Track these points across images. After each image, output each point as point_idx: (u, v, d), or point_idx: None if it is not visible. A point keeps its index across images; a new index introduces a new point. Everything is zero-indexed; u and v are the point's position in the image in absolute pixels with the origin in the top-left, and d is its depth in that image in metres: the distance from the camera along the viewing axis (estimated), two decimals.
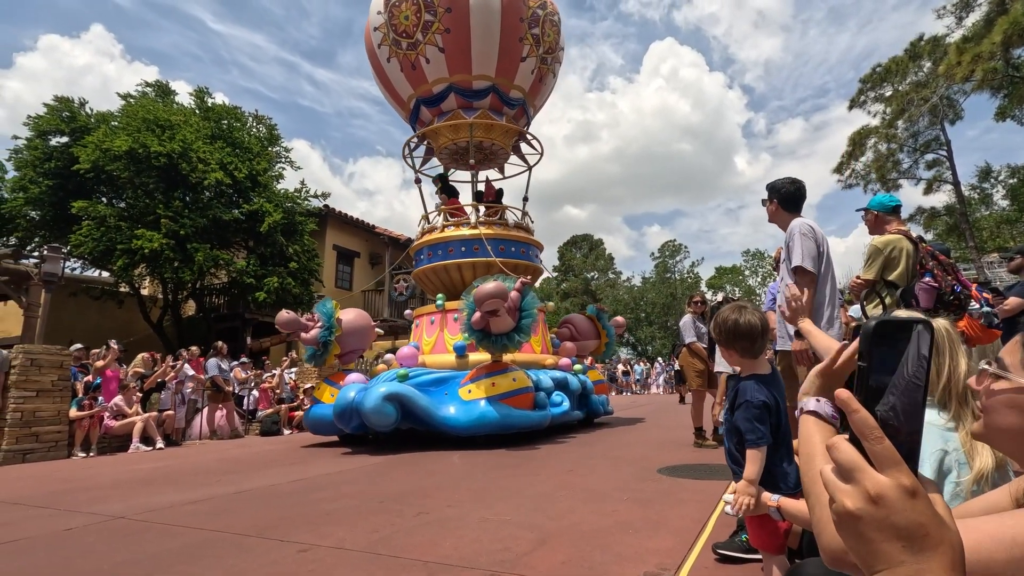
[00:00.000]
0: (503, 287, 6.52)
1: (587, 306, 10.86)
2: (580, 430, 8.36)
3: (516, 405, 6.87)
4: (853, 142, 24.79)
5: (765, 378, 2.01)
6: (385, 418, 6.39)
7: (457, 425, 6.66)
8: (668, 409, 13.01)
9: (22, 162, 14.89)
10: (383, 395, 6.38)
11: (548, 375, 7.94)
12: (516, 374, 7.08)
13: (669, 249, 57.79)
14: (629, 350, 53.43)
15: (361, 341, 8.33)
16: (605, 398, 9.61)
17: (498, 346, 6.86)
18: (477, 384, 6.95)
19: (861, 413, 0.53)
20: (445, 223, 9.92)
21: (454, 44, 9.43)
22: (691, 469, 4.87)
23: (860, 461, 0.52)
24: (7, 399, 7.29)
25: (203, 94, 17.35)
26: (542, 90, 11.05)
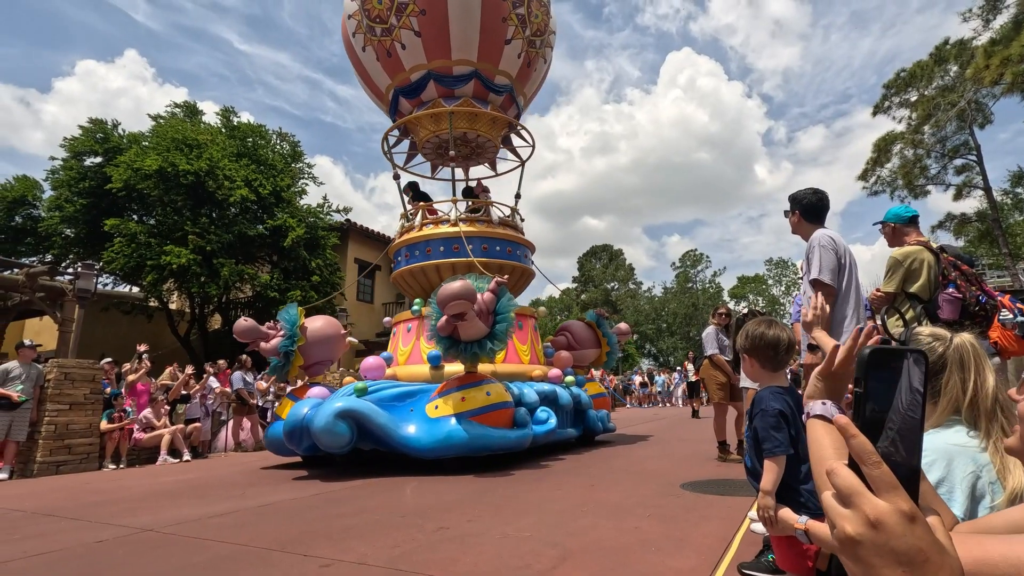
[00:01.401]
0: (470, 286, 5.71)
1: (586, 311, 10.09)
2: (571, 450, 7.64)
3: (491, 423, 6.03)
4: (878, 148, 24.34)
5: (782, 388, 1.99)
6: (337, 438, 5.65)
7: (418, 446, 5.82)
8: (680, 424, 12.54)
9: (58, 182, 15.46)
10: (335, 412, 5.64)
11: (533, 388, 7.18)
12: (492, 387, 6.24)
13: (690, 259, 57.25)
14: (651, 361, 52.86)
15: (329, 351, 7.46)
16: (606, 413, 8.83)
17: (468, 355, 6.04)
18: (445, 399, 6.10)
19: (859, 439, 0.53)
20: (424, 221, 9.12)
21: (431, 27, 8.67)
22: (715, 484, 4.78)
23: (859, 486, 0.52)
24: (42, 412, 7.51)
25: (229, 113, 17.86)
26: (532, 76, 10.12)
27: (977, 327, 3.21)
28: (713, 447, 6.52)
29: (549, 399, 7.30)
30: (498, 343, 6.03)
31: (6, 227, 15.72)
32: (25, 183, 16.14)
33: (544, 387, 7.39)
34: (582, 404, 8.09)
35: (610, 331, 9.67)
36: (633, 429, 11.14)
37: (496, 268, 8.37)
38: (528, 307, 9.26)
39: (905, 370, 0.55)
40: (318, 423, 5.61)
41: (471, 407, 5.99)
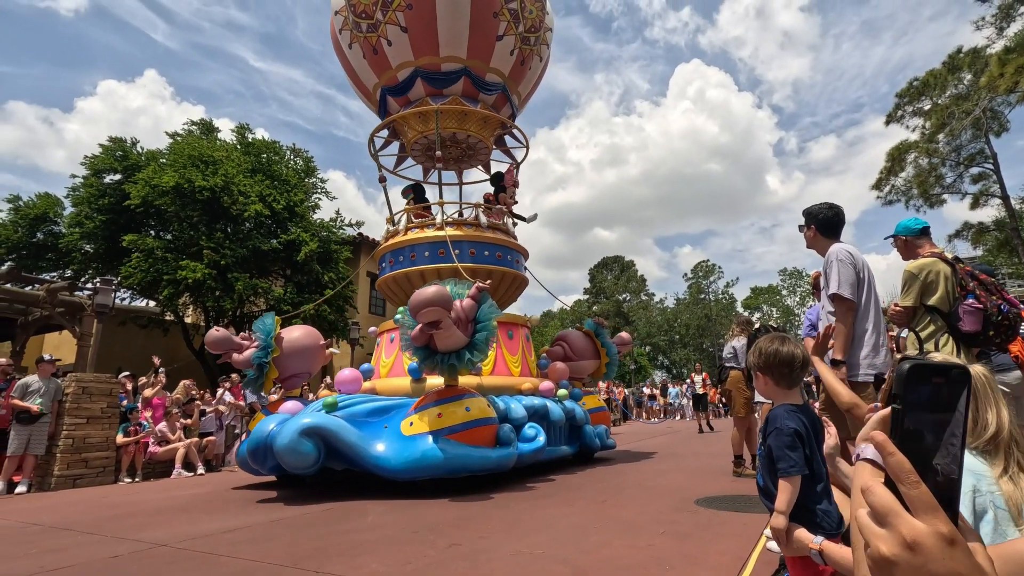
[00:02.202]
0: (444, 292, 5.30)
1: (584, 320, 9.44)
2: (563, 469, 7.10)
3: (471, 441, 5.57)
4: (892, 157, 24.15)
5: (797, 407, 1.97)
6: (302, 458, 5.28)
7: (388, 467, 5.36)
8: (693, 438, 12.13)
9: (79, 199, 15.81)
10: (300, 430, 5.27)
11: (521, 402, 6.70)
12: (472, 402, 5.77)
13: (702, 269, 56.91)
14: (664, 373, 52.40)
15: (307, 363, 7.02)
16: (604, 429, 8.31)
17: (444, 367, 5.61)
18: (421, 415, 5.64)
19: (897, 457, 0.52)
20: (409, 225, 8.66)
21: (418, 22, 8.27)
22: (730, 500, 4.71)
23: (896, 505, 0.51)
24: (60, 426, 7.61)
25: (244, 130, 18.20)
26: (526, 75, 9.60)
27: (1002, 337, 3.15)
28: (727, 461, 6.43)
29: (539, 414, 6.83)
30: (478, 354, 5.60)
31: (28, 243, 16.08)
32: (47, 200, 16.52)
33: (533, 401, 6.90)
34: (577, 419, 7.58)
35: (610, 341, 9.17)
36: (640, 444, 10.99)
37: (485, 274, 7.90)
38: (520, 316, 8.83)
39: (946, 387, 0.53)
40: (281, 441, 5.24)
41: (448, 424, 5.51)
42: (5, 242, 15.68)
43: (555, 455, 7.12)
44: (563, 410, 7.27)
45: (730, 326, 6.91)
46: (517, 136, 10.17)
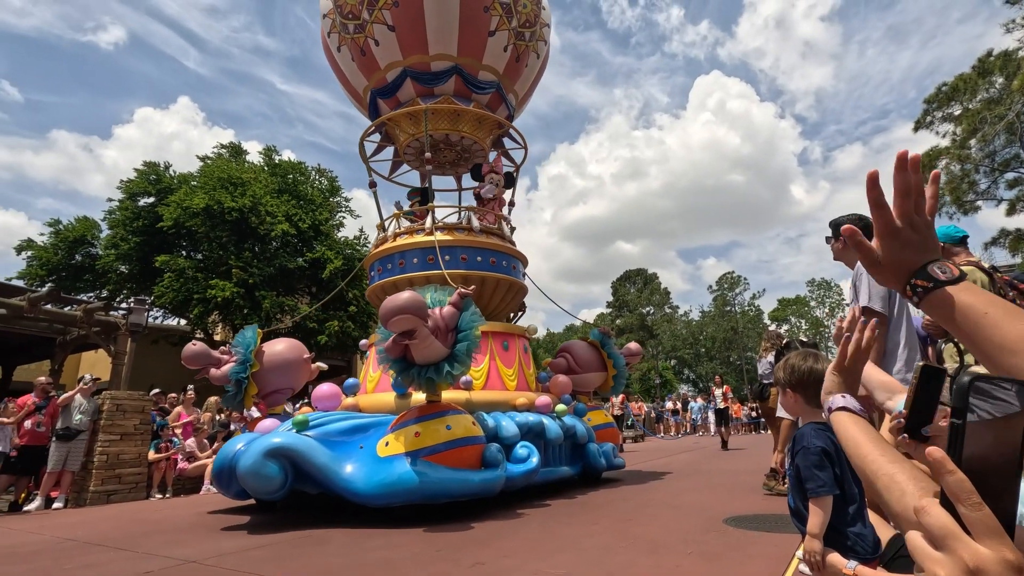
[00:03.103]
0: (418, 299, 4.87)
1: (590, 330, 8.85)
2: (560, 493, 6.46)
3: (452, 462, 5.05)
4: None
5: (825, 426, 1.91)
6: (265, 482, 4.91)
7: (357, 491, 4.91)
8: (712, 457, 11.41)
9: (115, 222, 16.42)
10: (264, 451, 4.89)
11: (514, 419, 6.19)
12: (455, 419, 5.29)
13: (727, 281, 56.13)
14: (690, 387, 51.52)
15: (290, 378, 6.64)
16: (612, 447, 7.75)
17: (421, 380, 5.14)
18: (397, 434, 5.18)
19: (957, 475, 0.49)
20: (398, 231, 8.20)
21: (405, 20, 7.95)
22: (761, 520, 4.58)
23: (956, 528, 0.48)
24: (94, 442, 7.82)
25: (271, 152, 18.73)
26: (523, 72, 9.12)
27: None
28: (756, 478, 6.27)
29: (534, 432, 6.32)
30: (459, 366, 5.11)
31: (67, 265, 16.71)
32: (85, 224, 17.19)
33: (528, 418, 6.35)
34: (578, 437, 7.04)
35: (617, 352, 8.54)
36: (662, 462, 10.70)
37: (478, 281, 7.55)
38: (517, 325, 8.28)
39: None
40: (244, 463, 4.87)
41: (427, 444, 5.03)
42: (46, 264, 16.33)
43: (553, 477, 6.59)
44: (562, 427, 6.71)
45: (760, 341, 6.70)
46: (515, 137, 9.73)
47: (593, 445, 7.29)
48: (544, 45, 9.38)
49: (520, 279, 8.39)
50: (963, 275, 0.85)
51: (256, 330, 6.52)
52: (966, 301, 0.81)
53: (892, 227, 0.89)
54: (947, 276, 0.85)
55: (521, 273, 8.53)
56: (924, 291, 0.86)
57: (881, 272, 0.92)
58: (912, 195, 0.87)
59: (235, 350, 6.27)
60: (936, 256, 0.88)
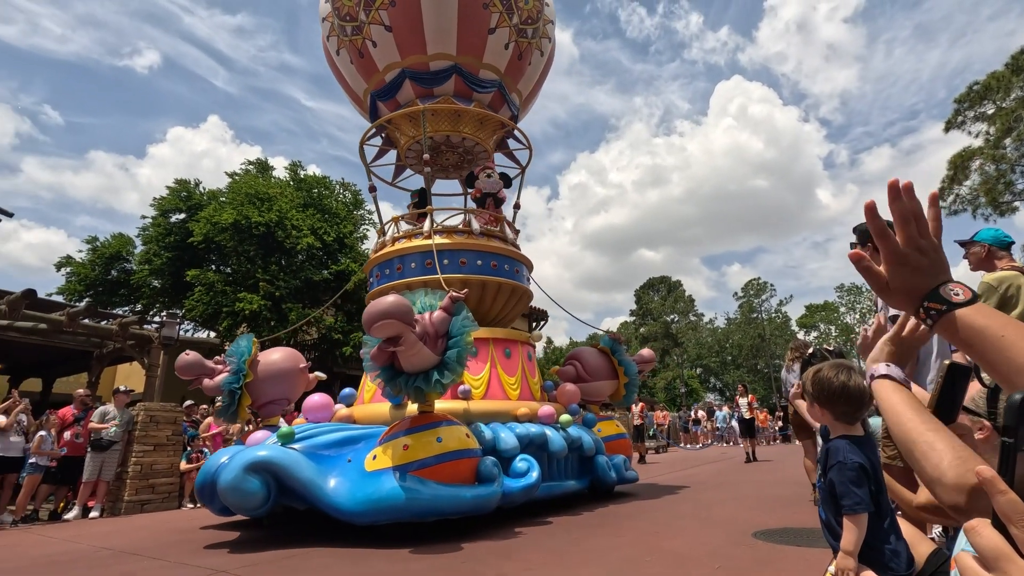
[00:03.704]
0: (403, 303, 4.61)
1: (600, 337, 8.33)
2: (566, 509, 6.03)
3: (443, 477, 4.73)
4: (954, 165, 22.93)
5: (859, 439, 1.86)
6: (246, 498, 4.67)
7: (341, 508, 4.65)
8: (740, 468, 11.04)
9: (148, 238, 16.95)
10: (245, 465, 4.67)
11: (514, 431, 5.86)
12: (447, 431, 4.96)
13: (753, 288, 55.23)
14: (717, 396, 50.63)
15: (286, 389, 6.36)
16: (623, 460, 7.33)
17: (409, 389, 4.88)
18: (385, 447, 4.87)
19: (1009, 495, 0.48)
20: (396, 235, 7.94)
21: (402, 19, 7.74)
22: (791, 534, 4.47)
23: (1008, 550, 0.47)
24: (129, 453, 8.04)
25: (296, 167, 19.14)
26: (526, 71, 8.80)
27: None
28: (786, 490, 6.13)
29: (536, 444, 5.99)
30: (449, 374, 4.84)
31: (104, 280, 17.29)
32: (120, 240, 17.78)
33: (529, 429, 6.01)
34: (585, 449, 6.64)
35: (628, 359, 8.12)
36: (678, 475, 10.42)
37: (477, 285, 7.31)
38: (521, 331, 7.93)
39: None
40: (224, 478, 4.65)
41: (416, 457, 4.71)
42: (84, 280, 16.92)
43: (556, 492, 6.23)
44: (566, 439, 6.33)
45: (788, 349, 6.51)
46: (519, 138, 9.37)
47: (602, 458, 6.92)
48: (548, 42, 9.05)
49: (524, 283, 8.06)
50: (976, 296, 0.84)
51: (251, 339, 6.30)
52: (981, 323, 0.80)
53: (898, 254, 0.89)
54: (960, 298, 0.84)
55: (525, 277, 8.21)
56: (938, 314, 0.85)
57: (891, 297, 0.92)
58: (913, 220, 0.87)
59: (229, 360, 6.10)
60: (947, 278, 0.87)
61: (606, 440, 7.29)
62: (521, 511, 5.74)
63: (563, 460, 6.48)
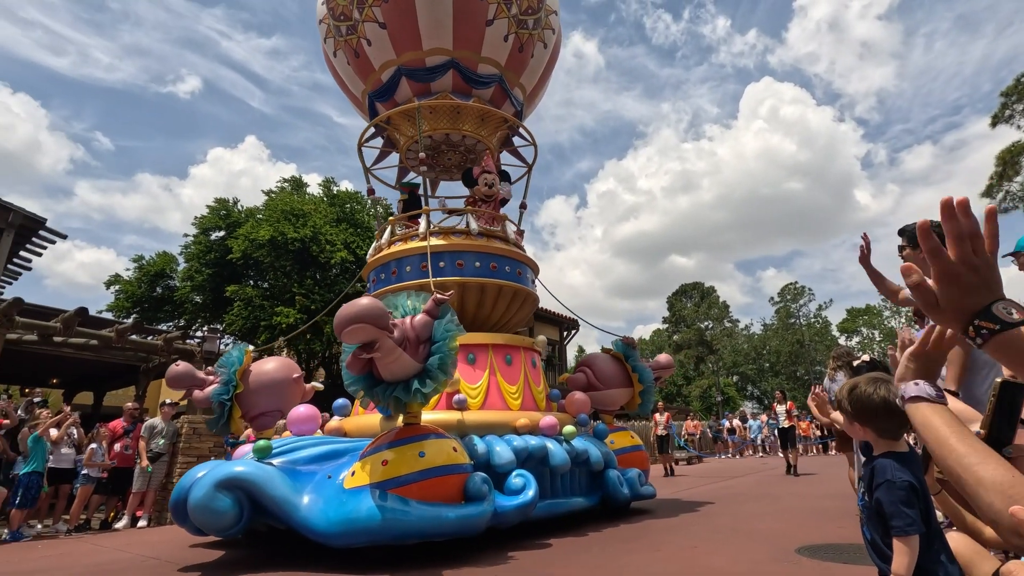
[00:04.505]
0: (376, 306, 4.26)
1: (613, 341, 7.79)
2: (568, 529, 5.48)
3: (426, 496, 4.33)
4: (1003, 161, 21.95)
5: (904, 456, 1.78)
6: (216, 517, 4.32)
7: (314, 529, 4.27)
8: (780, 480, 10.54)
9: (190, 255, 17.61)
10: (215, 482, 4.34)
11: (510, 444, 5.41)
12: (430, 445, 4.56)
13: (790, 292, 53.77)
14: (755, 404, 49.30)
15: (278, 400, 6.00)
16: (637, 473, 6.77)
17: (386, 399, 4.55)
18: (364, 463, 4.48)
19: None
20: (393, 237, 7.61)
21: (396, 15, 7.47)
22: (837, 550, 4.30)
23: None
24: (174, 464, 8.31)
25: (329, 183, 19.63)
26: (528, 64, 8.36)
27: None
28: (832, 503, 5.91)
29: (536, 458, 5.53)
30: (430, 382, 4.47)
31: (149, 297, 18.03)
32: (164, 258, 18.53)
33: (528, 442, 5.55)
34: (592, 462, 6.13)
35: (643, 365, 7.52)
36: (709, 489, 10.01)
37: (475, 288, 6.94)
38: (522, 336, 7.44)
39: None
40: (194, 496, 4.32)
41: (395, 473, 4.32)
42: (131, 297, 17.68)
43: (559, 510, 5.73)
44: (569, 452, 5.83)
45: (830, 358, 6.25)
46: (523, 134, 8.86)
47: (613, 472, 6.40)
48: (552, 34, 8.55)
49: (528, 286, 7.60)
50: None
51: (244, 349, 6.05)
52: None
53: (951, 272, 0.85)
54: (1015, 317, 0.80)
55: (529, 279, 7.74)
56: (989, 333, 0.82)
57: (940, 315, 0.89)
58: (967, 239, 0.84)
59: (219, 371, 5.87)
60: (999, 295, 0.84)
61: (620, 452, 6.84)
62: (521, 532, 5.25)
63: (568, 475, 6.01)
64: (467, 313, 6.99)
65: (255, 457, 4.77)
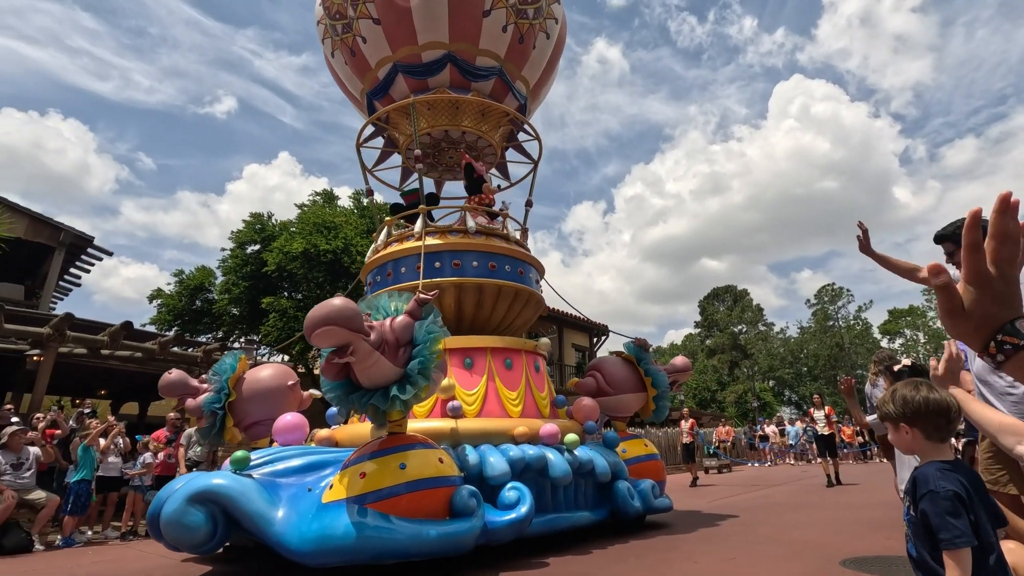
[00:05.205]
0: (348, 307, 3.96)
1: (625, 343, 7.39)
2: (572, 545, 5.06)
3: (406, 511, 4.03)
4: None
5: (950, 464, 1.71)
6: (189, 533, 4.04)
7: (287, 547, 3.94)
8: (820, 490, 9.94)
9: (227, 269, 18.17)
10: (187, 496, 4.09)
11: (505, 454, 5.08)
12: (412, 456, 4.24)
13: (828, 294, 52.22)
14: (792, 409, 47.89)
15: (272, 408, 5.71)
16: (651, 485, 6.30)
17: (364, 407, 4.23)
18: (342, 475, 4.19)
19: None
20: (389, 238, 7.40)
21: (389, 10, 7.28)
22: (884, 563, 4.13)
23: None
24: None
25: (359, 195, 19.98)
26: (530, 55, 7.97)
27: None
28: (877, 513, 5.69)
29: (534, 469, 5.16)
30: (410, 389, 4.15)
31: (189, 310, 18.65)
32: (203, 272, 19.16)
33: (526, 452, 5.19)
34: (598, 474, 5.69)
35: (656, 368, 7.05)
36: (738, 500, 9.61)
37: (473, 289, 6.61)
38: (524, 339, 7.00)
39: None
40: (166, 511, 4.07)
41: (374, 487, 4.01)
42: (172, 310, 18.33)
43: (561, 526, 5.31)
44: (572, 462, 5.41)
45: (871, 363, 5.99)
46: (526, 129, 8.47)
47: (623, 483, 5.97)
48: (555, 23, 8.17)
49: (532, 286, 7.22)
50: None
51: (239, 357, 5.86)
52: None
53: (984, 275, 0.80)
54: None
55: (533, 279, 7.37)
56: (1013, 349, 0.78)
57: (960, 323, 0.83)
58: (1009, 243, 0.79)
59: (211, 379, 5.70)
60: (1020, 314, 0.80)
61: (632, 462, 6.46)
62: (517, 550, 4.86)
63: (571, 487, 5.63)
64: (465, 315, 6.83)
65: (232, 468, 4.51)
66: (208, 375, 5.76)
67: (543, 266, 7.73)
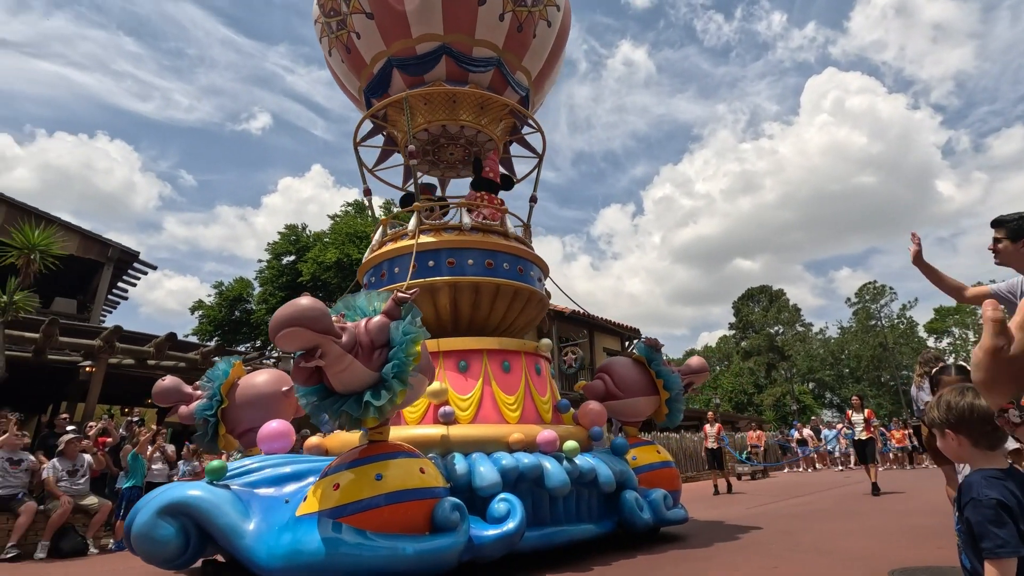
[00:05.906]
0: (315, 307, 3.71)
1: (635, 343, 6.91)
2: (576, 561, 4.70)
3: (381, 525, 3.74)
4: None
5: (1000, 472, 1.64)
6: (158, 547, 3.88)
7: (260, 564, 3.74)
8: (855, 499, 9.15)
9: (264, 279, 18.73)
10: (158, 508, 3.93)
11: (497, 463, 4.72)
12: (389, 466, 3.96)
13: (869, 292, 50.50)
14: (834, 412, 46.38)
15: (266, 415, 5.49)
16: (663, 495, 5.81)
17: (336, 414, 3.92)
18: (316, 487, 3.98)
19: None
20: (384, 238, 7.10)
21: (382, 2, 7.09)
22: (935, 573, 3.94)
23: None
24: None
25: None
26: (530, 45, 7.61)
27: None
28: (925, 520, 5.46)
29: (528, 479, 4.78)
30: (384, 394, 3.82)
31: (229, 320, 19.29)
32: (242, 283, 19.79)
33: (521, 460, 4.81)
34: (602, 483, 5.23)
35: (668, 370, 6.57)
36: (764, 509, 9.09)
37: (468, 288, 6.28)
38: (524, 341, 6.57)
39: None
40: (136, 523, 3.92)
41: (348, 499, 3.75)
42: (213, 321, 18.98)
43: (559, 540, 4.89)
44: (571, 471, 5.01)
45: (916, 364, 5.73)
46: (528, 122, 8.12)
47: (630, 493, 5.52)
48: (557, 11, 7.81)
49: (533, 285, 6.87)
50: None
51: (233, 363, 5.73)
52: None
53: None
54: None
55: (535, 278, 7.02)
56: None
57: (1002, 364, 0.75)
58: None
59: (204, 386, 5.59)
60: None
61: (643, 470, 6.05)
62: (509, 566, 4.47)
63: (572, 498, 5.21)
64: (462, 316, 6.53)
65: (208, 479, 4.29)
66: (201, 381, 5.69)
67: (547, 264, 7.39)
